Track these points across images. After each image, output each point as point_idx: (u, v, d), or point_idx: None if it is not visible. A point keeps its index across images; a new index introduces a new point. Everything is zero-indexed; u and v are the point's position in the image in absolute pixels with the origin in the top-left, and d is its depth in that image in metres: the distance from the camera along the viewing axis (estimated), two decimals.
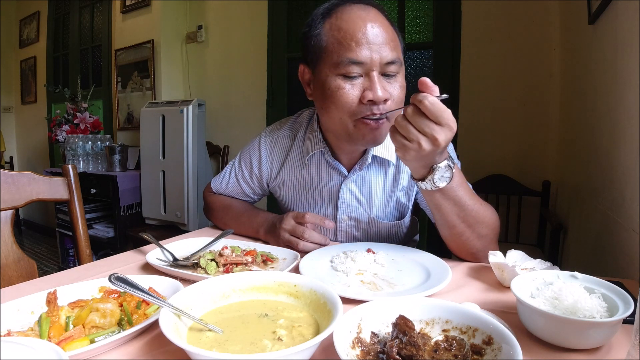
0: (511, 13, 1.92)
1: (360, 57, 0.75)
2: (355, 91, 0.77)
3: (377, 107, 0.77)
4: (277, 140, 1.03)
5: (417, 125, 0.62)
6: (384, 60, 0.76)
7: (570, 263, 1.51)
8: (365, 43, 0.74)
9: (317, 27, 0.81)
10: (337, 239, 1.03)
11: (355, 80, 0.77)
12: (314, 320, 0.52)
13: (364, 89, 0.77)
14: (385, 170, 0.95)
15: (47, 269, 3.25)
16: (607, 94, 1.13)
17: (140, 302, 0.57)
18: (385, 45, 0.76)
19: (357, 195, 0.96)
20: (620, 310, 0.49)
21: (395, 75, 0.79)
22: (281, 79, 2.64)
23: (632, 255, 0.84)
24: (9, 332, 0.50)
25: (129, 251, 0.91)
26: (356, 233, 1.01)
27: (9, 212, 0.98)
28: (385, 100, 0.77)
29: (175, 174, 2.50)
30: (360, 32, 0.75)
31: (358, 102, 0.78)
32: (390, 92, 0.78)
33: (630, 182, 0.89)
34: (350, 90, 0.77)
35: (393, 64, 0.77)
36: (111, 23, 3.22)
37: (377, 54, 0.75)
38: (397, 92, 0.80)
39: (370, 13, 0.78)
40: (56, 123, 3.08)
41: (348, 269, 0.75)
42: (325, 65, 0.80)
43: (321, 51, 0.80)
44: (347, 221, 1.00)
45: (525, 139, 1.95)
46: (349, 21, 0.76)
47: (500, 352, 0.42)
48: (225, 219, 1.09)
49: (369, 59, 0.75)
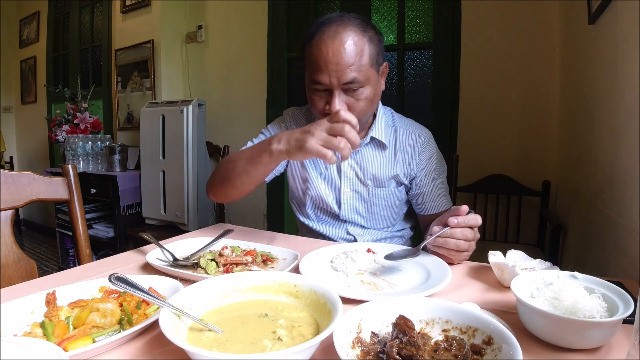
0: (511, 13, 1.92)
1: (321, 79, 0.91)
2: (322, 102, 0.95)
3: None
4: (298, 114, 1.17)
5: (471, 238, 0.79)
6: (342, 81, 0.90)
7: (570, 263, 1.51)
8: (325, 70, 0.90)
9: (305, 44, 0.97)
10: (341, 212, 1.12)
11: (322, 93, 0.95)
12: (314, 320, 0.52)
13: (326, 102, 0.94)
14: (381, 152, 1.09)
15: (47, 269, 3.25)
16: (607, 94, 1.13)
17: (140, 302, 0.57)
18: (346, 69, 0.89)
19: (357, 170, 1.09)
20: (620, 310, 0.49)
21: (357, 89, 0.93)
22: (281, 79, 2.64)
23: (632, 255, 0.84)
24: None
25: (129, 251, 0.91)
26: (358, 204, 1.12)
27: (9, 212, 0.98)
28: None
29: (175, 174, 2.50)
30: (322, 60, 0.90)
31: (322, 110, 0.95)
32: (351, 104, 0.93)
33: (631, 182, 0.89)
34: (319, 101, 0.95)
35: (353, 83, 0.91)
36: (111, 23, 3.22)
37: (335, 78, 0.90)
38: (357, 103, 0.94)
39: (338, 38, 0.89)
40: (56, 123, 3.07)
41: (348, 269, 0.76)
42: (307, 77, 0.98)
43: (305, 67, 0.99)
44: (349, 193, 1.11)
45: (525, 139, 1.95)
46: (318, 48, 0.91)
47: (500, 352, 0.42)
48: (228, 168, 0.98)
49: (328, 81, 0.91)
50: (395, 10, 2.25)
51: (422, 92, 2.23)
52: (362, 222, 1.12)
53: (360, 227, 1.13)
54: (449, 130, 2.09)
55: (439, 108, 2.14)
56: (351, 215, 1.12)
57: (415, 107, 2.25)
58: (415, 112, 2.24)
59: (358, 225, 1.13)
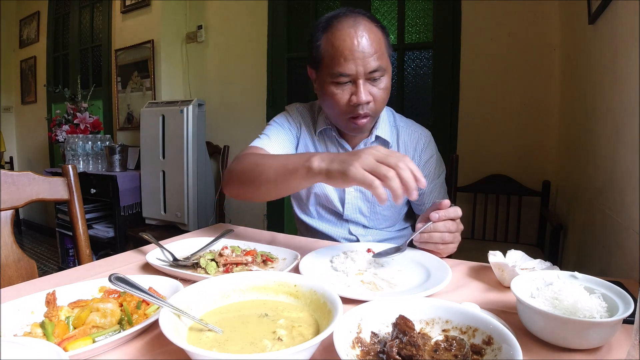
0: (511, 13, 1.92)
1: (347, 70, 0.90)
2: (345, 95, 0.93)
3: (361, 107, 0.93)
4: (302, 110, 1.16)
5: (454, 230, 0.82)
6: (368, 69, 0.90)
7: (570, 263, 1.51)
8: (352, 58, 0.89)
9: (318, 39, 0.95)
10: (344, 211, 1.11)
11: (345, 86, 0.93)
12: (314, 320, 0.52)
13: (352, 94, 0.93)
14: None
15: (47, 269, 3.25)
16: (607, 94, 1.13)
17: (140, 302, 0.57)
18: (370, 57, 0.89)
19: None
20: (620, 310, 0.49)
21: (380, 78, 0.93)
22: (281, 79, 2.64)
23: (632, 255, 0.84)
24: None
25: (129, 251, 0.91)
26: (361, 204, 1.11)
27: (9, 212, 0.98)
28: (368, 102, 0.93)
29: (175, 174, 2.50)
30: (347, 49, 0.89)
31: (347, 103, 0.94)
32: (374, 94, 0.93)
33: (630, 182, 0.89)
34: (341, 95, 0.94)
35: (377, 71, 0.91)
36: (111, 23, 3.22)
37: (361, 66, 0.89)
38: (379, 93, 0.94)
39: (359, 27, 0.89)
40: (56, 123, 3.07)
41: (348, 269, 0.75)
42: (323, 73, 0.95)
43: (320, 60, 0.95)
44: (353, 192, 1.10)
45: (525, 139, 1.95)
46: (340, 38, 0.90)
47: (500, 352, 0.42)
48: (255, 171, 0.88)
49: (354, 71, 0.90)
50: (395, 10, 2.25)
51: (422, 92, 2.23)
52: (365, 222, 1.12)
53: (362, 227, 1.13)
54: (449, 130, 2.09)
55: (439, 108, 2.14)
56: (354, 215, 1.11)
57: (415, 107, 2.25)
58: (415, 112, 2.24)
59: (360, 225, 1.13)
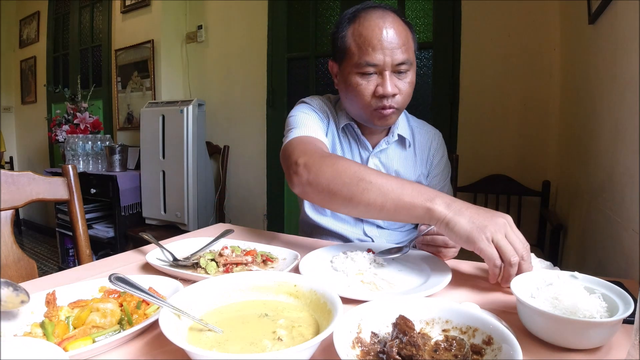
0: (511, 13, 1.92)
1: (375, 60, 0.89)
2: (371, 86, 0.92)
3: (387, 100, 0.92)
4: (325, 101, 1.11)
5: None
6: (395, 61, 0.90)
7: (570, 263, 1.51)
8: (380, 48, 0.88)
9: (343, 30, 0.94)
10: None
11: (371, 77, 0.92)
12: (314, 320, 0.52)
13: (377, 85, 0.92)
14: (404, 151, 1.09)
15: (47, 269, 3.25)
16: (607, 94, 1.13)
17: (140, 302, 0.57)
18: (398, 49, 0.89)
19: (382, 170, 1.06)
20: (620, 310, 0.49)
21: (406, 72, 0.93)
22: (281, 79, 2.64)
23: (632, 255, 0.84)
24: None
25: (129, 251, 0.91)
26: None
27: (9, 212, 0.98)
28: (394, 95, 0.92)
29: (175, 174, 2.50)
30: (376, 39, 0.88)
31: (372, 95, 0.93)
32: (400, 87, 0.93)
33: (630, 182, 0.89)
34: (366, 86, 0.92)
35: (403, 64, 0.91)
36: (111, 23, 3.22)
37: (389, 57, 0.89)
38: (405, 87, 0.94)
39: (387, 19, 0.90)
40: (56, 123, 3.07)
41: (348, 269, 0.75)
42: (348, 64, 0.94)
43: (345, 51, 0.94)
44: None
45: (525, 139, 1.95)
46: (368, 28, 0.89)
47: (500, 352, 0.42)
48: (351, 183, 0.74)
49: (382, 61, 0.89)
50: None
51: (422, 92, 2.23)
52: (380, 223, 1.12)
53: (376, 228, 1.12)
54: (449, 130, 2.09)
55: (439, 108, 2.14)
56: None
57: (415, 107, 2.25)
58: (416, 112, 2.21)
59: (374, 226, 1.12)
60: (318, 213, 1.17)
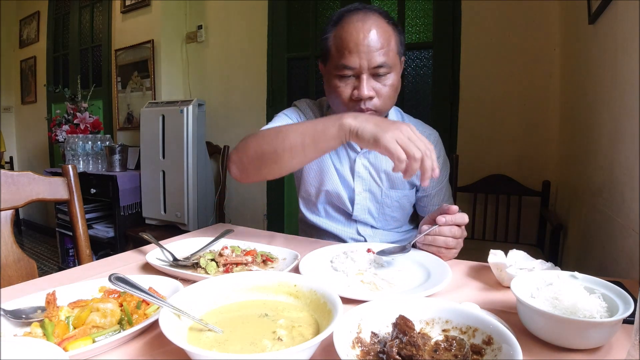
0: (511, 13, 1.92)
1: (351, 63, 0.90)
2: (348, 89, 0.93)
3: (363, 103, 0.92)
4: (312, 105, 1.14)
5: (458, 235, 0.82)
6: (373, 64, 0.89)
7: (570, 263, 1.51)
8: (356, 52, 0.89)
9: (327, 32, 0.95)
10: (353, 212, 1.09)
11: (349, 80, 0.93)
12: (314, 320, 0.52)
13: (354, 88, 0.92)
14: None
15: (47, 269, 3.25)
16: (607, 94, 1.13)
17: (140, 302, 0.57)
18: (375, 52, 0.89)
19: (371, 170, 1.07)
20: (620, 310, 0.49)
21: (385, 75, 0.92)
22: (281, 79, 2.64)
23: (632, 255, 0.84)
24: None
25: (129, 251, 0.91)
26: (370, 205, 1.09)
27: (9, 212, 0.98)
28: (370, 98, 0.92)
29: (175, 174, 2.50)
30: (353, 42, 0.89)
31: (349, 97, 0.93)
32: (378, 90, 0.92)
33: (630, 182, 0.89)
34: (344, 89, 0.93)
35: (382, 67, 0.90)
36: (111, 23, 3.22)
37: (365, 60, 0.89)
38: (385, 89, 0.93)
39: (368, 22, 0.89)
40: (56, 123, 3.07)
41: (348, 269, 0.75)
42: (330, 66, 0.96)
43: (328, 53, 0.96)
44: (363, 193, 1.08)
45: (525, 138, 1.95)
46: (347, 31, 0.90)
47: (500, 352, 0.42)
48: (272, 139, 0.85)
49: (358, 64, 0.89)
50: (395, 10, 2.24)
51: (422, 92, 2.23)
52: (373, 223, 1.12)
53: (370, 228, 1.12)
54: (449, 130, 2.09)
55: (438, 108, 2.14)
56: (363, 215, 1.10)
57: (415, 107, 2.25)
58: (415, 112, 2.21)
59: (368, 226, 1.12)
60: (311, 212, 1.17)
